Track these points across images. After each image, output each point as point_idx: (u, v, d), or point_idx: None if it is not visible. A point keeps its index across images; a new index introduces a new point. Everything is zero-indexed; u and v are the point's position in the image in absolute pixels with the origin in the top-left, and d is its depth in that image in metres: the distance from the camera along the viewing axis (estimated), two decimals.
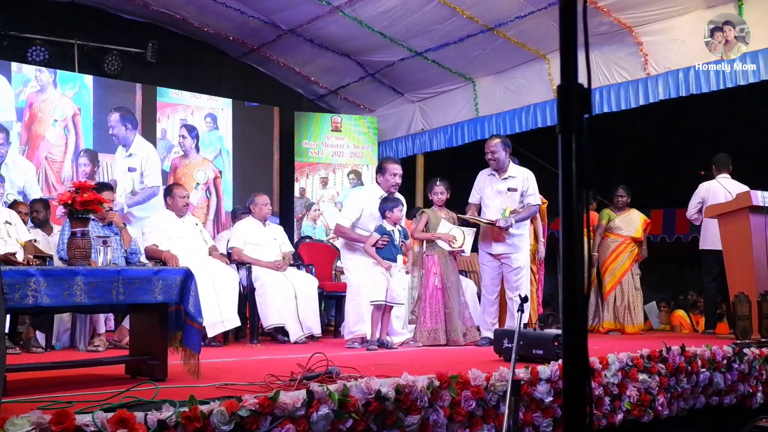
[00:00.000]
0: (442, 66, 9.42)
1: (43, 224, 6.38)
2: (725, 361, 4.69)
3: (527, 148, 10.60)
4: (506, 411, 2.69)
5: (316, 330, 6.22)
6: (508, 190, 5.97)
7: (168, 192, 6.22)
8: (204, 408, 2.48)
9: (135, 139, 8.68)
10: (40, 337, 5.21)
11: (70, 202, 3.29)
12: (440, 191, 6.19)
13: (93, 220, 5.60)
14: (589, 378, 1.08)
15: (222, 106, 9.61)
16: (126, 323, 5.41)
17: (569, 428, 1.04)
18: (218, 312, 5.67)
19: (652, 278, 13.24)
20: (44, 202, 6.59)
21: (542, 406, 3.56)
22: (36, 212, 6.34)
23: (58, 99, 8.42)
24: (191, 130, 9.15)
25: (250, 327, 6.17)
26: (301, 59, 9.94)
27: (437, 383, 3.16)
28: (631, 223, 7.75)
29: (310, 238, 8.17)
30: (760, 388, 4.95)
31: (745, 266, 6.08)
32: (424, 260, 6.02)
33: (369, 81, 10.14)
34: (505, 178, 6.01)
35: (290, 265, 6.53)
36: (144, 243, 5.96)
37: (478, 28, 8.46)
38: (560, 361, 3.83)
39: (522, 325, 4.47)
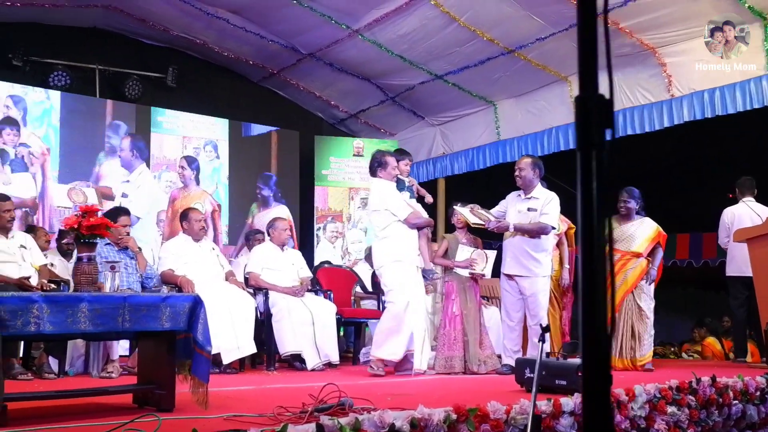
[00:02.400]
0: (463, 89, 9.33)
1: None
2: (758, 393, 4.51)
3: (550, 171, 10.47)
4: None
5: (334, 357, 6.11)
6: (527, 210, 5.86)
7: (184, 216, 6.17)
8: None
9: (139, 168, 8.64)
10: (54, 362, 5.14)
11: (76, 226, 3.22)
12: (457, 216, 6.08)
13: (108, 244, 5.57)
14: (612, 416, 0.95)
15: (221, 136, 9.53)
16: None
17: None
18: (234, 338, 5.57)
19: (679, 303, 13.03)
20: None
21: None
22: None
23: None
24: (192, 161, 9.09)
25: (267, 354, 6.06)
26: (321, 83, 9.92)
27: (454, 416, 3.03)
28: (634, 235, 6.25)
29: (329, 263, 8.07)
30: None
31: None
32: (444, 287, 5.91)
33: (389, 105, 10.09)
34: (528, 198, 5.90)
35: (308, 290, 6.43)
36: (160, 268, 5.90)
37: (498, 51, 8.38)
38: None
39: (544, 354, 4.35)
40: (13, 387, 4.36)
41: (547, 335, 5.68)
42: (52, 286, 4.91)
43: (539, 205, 5.83)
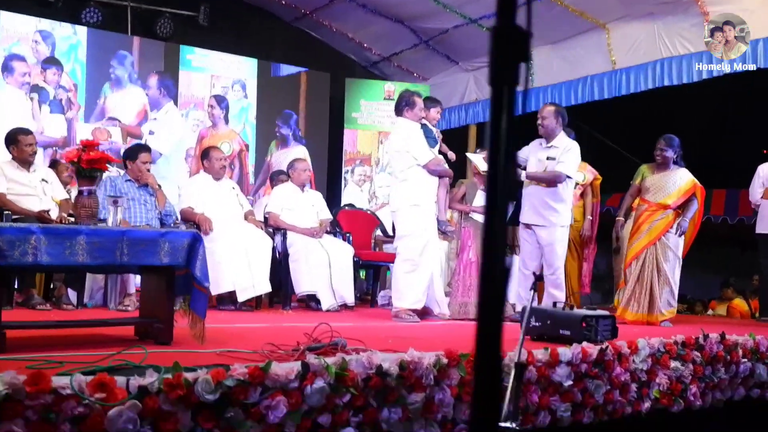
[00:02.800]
0: None
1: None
2: None
3: (585, 120, 10.30)
4: (507, 395, 2.54)
5: (350, 299, 6.13)
6: (547, 159, 5.73)
7: (205, 155, 6.19)
8: (189, 375, 2.41)
9: (166, 106, 8.66)
10: (73, 294, 5.25)
11: (76, 160, 3.25)
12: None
13: (128, 180, 5.63)
14: (500, 375, 0.93)
15: (249, 76, 9.46)
16: None
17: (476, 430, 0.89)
18: (249, 277, 5.63)
19: (711, 261, 12.80)
20: None
21: (561, 390, 3.40)
22: None
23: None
24: (221, 100, 9.07)
25: (282, 293, 6.12)
26: (354, 25, 9.78)
27: (445, 361, 3.03)
28: (666, 186, 5.86)
29: (351, 206, 8.06)
30: None
31: None
32: (460, 232, 5.87)
33: (423, 49, 9.92)
34: (549, 147, 5.76)
35: (327, 232, 6.44)
36: (180, 205, 5.95)
37: None
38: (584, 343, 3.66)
39: (553, 304, 4.32)
40: (30, 316, 4.50)
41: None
42: (71, 219, 4.98)
43: (558, 153, 5.69)
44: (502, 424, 2.47)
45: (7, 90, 7.71)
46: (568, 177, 5.65)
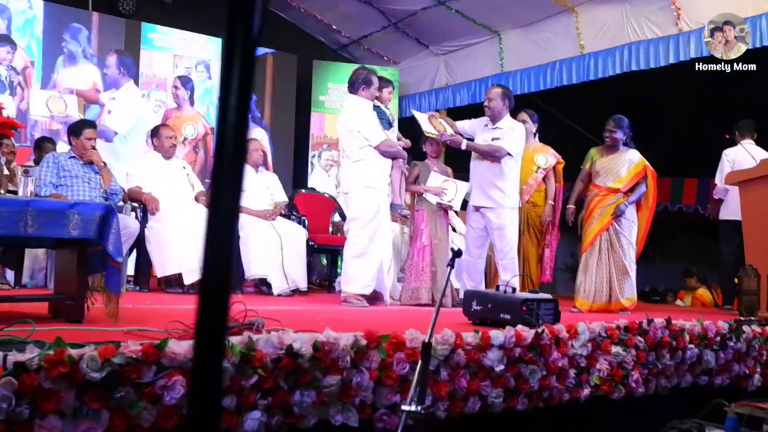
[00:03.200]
0: (466, 17, 9.00)
1: None
2: (719, 338, 4.32)
3: (553, 106, 10.18)
4: (415, 377, 2.42)
5: (302, 284, 5.99)
6: (492, 140, 5.70)
7: (154, 132, 6.03)
8: (74, 352, 2.26)
9: (125, 85, 8.46)
10: (10, 274, 5.09)
11: None
12: (436, 142, 5.87)
13: (72, 157, 5.46)
14: (222, 362, 0.80)
15: (213, 56, 9.27)
16: None
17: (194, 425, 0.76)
18: (196, 259, 5.48)
19: (683, 250, 12.75)
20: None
21: (492, 375, 3.28)
22: None
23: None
24: (186, 81, 8.86)
25: (233, 277, 5.97)
26: (322, 5, 9.62)
27: (364, 342, 2.90)
28: (615, 168, 5.69)
29: (312, 189, 7.91)
30: (759, 370, 4.57)
31: (764, 238, 5.64)
32: (413, 215, 5.73)
33: (392, 31, 9.77)
34: (494, 128, 5.73)
35: (282, 215, 6.29)
36: (127, 184, 5.80)
37: None
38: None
39: (496, 287, 4.20)
40: None
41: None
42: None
43: (502, 134, 5.67)
44: (405, 407, 2.35)
45: None
46: (509, 155, 5.58)
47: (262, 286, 6.04)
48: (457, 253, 2.83)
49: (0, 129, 3.08)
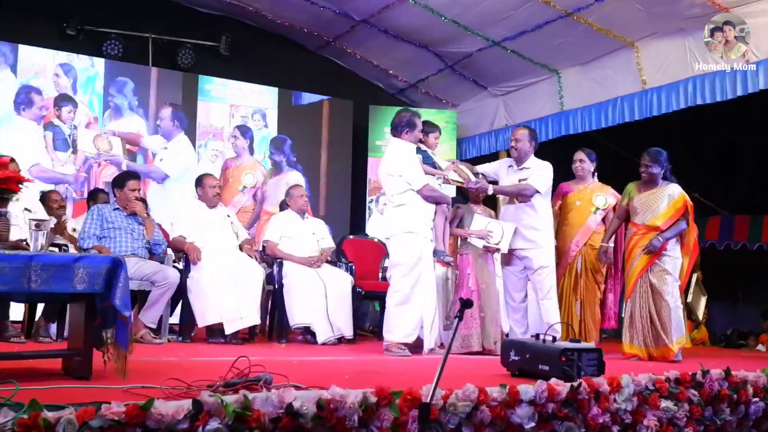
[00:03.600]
0: (523, 57, 8.82)
1: None
2: None
3: (615, 143, 9.86)
4: None
5: (347, 331, 5.82)
6: (519, 181, 5.63)
7: (198, 182, 6.03)
8: (50, 415, 2.15)
9: (177, 136, 8.61)
10: (53, 327, 5.11)
11: None
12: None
13: (116, 209, 5.49)
14: None
15: (269, 105, 9.35)
16: (143, 316, 5.26)
17: None
18: (237, 308, 5.40)
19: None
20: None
21: None
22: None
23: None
24: (246, 131, 8.97)
25: (277, 326, 5.87)
26: (378, 51, 9.62)
27: (373, 399, 2.70)
28: (653, 205, 5.32)
29: (365, 234, 7.79)
30: None
31: None
32: (459, 260, 5.51)
33: (449, 74, 9.67)
34: (521, 169, 5.67)
35: (329, 262, 6.17)
36: (172, 234, 5.80)
37: (556, 14, 7.83)
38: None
39: (536, 336, 3.94)
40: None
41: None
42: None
43: (528, 174, 5.61)
44: None
45: (21, 123, 7.75)
46: (538, 192, 5.48)
47: (307, 334, 5.90)
48: (467, 304, 2.63)
49: (5, 184, 3.07)
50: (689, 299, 8.20)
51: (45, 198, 6.17)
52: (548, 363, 3.58)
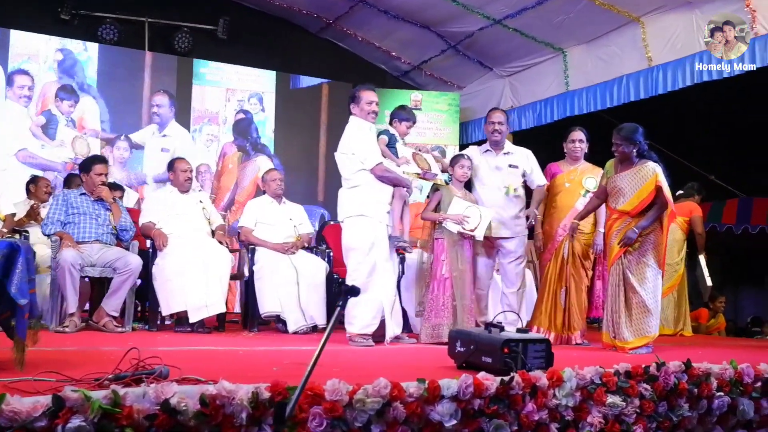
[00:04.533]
0: (526, 35, 8.53)
1: None
2: (760, 384, 3.63)
3: (624, 121, 9.45)
4: None
5: (320, 320, 5.59)
6: (509, 167, 5.45)
7: (170, 166, 5.88)
8: None
9: (170, 122, 8.51)
10: None
11: None
12: (467, 165, 5.39)
13: (83, 194, 5.38)
14: None
15: (267, 89, 9.17)
16: (105, 304, 5.15)
17: None
18: (204, 296, 5.24)
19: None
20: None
21: None
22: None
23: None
24: (245, 114, 8.81)
25: (248, 314, 5.71)
26: (380, 32, 9.40)
27: (267, 395, 2.50)
28: (625, 187, 4.91)
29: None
30: None
31: None
32: (433, 245, 5.26)
33: (452, 55, 9.41)
34: (505, 153, 5.50)
35: (305, 248, 5.98)
36: (141, 219, 5.67)
37: None
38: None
39: (486, 326, 3.70)
40: None
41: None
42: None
43: (518, 161, 5.51)
44: None
45: (8, 105, 7.71)
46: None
47: (279, 323, 5.72)
48: (351, 290, 2.40)
49: None
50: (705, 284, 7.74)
51: (34, 183, 6.11)
52: (491, 355, 3.34)
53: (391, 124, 5.33)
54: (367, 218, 4.82)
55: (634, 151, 4.90)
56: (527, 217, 5.45)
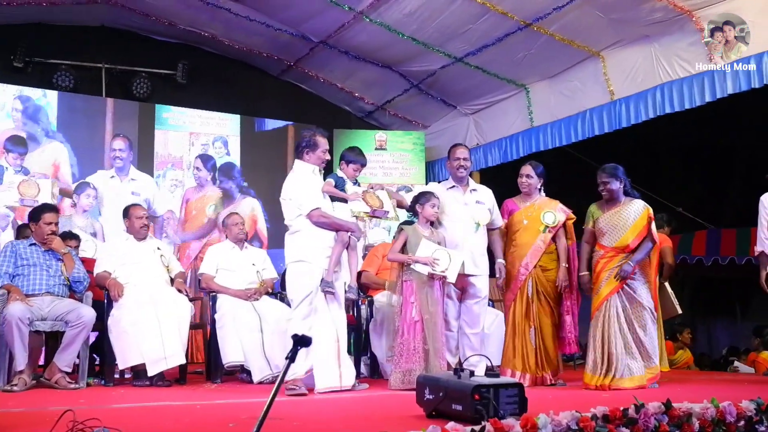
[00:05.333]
0: (488, 72, 8.50)
1: None
2: (743, 422, 3.50)
3: (587, 157, 9.49)
4: None
5: None
6: (476, 203, 5.37)
7: (125, 213, 5.67)
8: None
9: (131, 169, 8.37)
10: None
11: None
12: (437, 204, 5.24)
13: (33, 244, 5.16)
14: None
15: (231, 132, 9.07)
16: (57, 359, 4.89)
17: None
18: (161, 347, 5.01)
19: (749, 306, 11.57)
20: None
21: None
22: None
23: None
24: (207, 160, 8.65)
25: (211, 365, 5.48)
26: (341, 73, 9.33)
27: None
28: (619, 223, 5.09)
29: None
30: None
31: None
32: (402, 287, 5.08)
33: (416, 94, 9.36)
34: (472, 190, 5.47)
35: (269, 293, 5.78)
36: (96, 269, 5.44)
37: (515, 25, 7.51)
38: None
39: (455, 370, 3.52)
40: None
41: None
42: None
43: (484, 198, 5.46)
44: None
45: None
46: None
47: (243, 373, 5.49)
48: (301, 341, 2.23)
49: None
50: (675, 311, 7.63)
51: None
52: (461, 402, 3.17)
53: (338, 167, 5.23)
54: (307, 263, 4.70)
55: (621, 187, 5.10)
56: (500, 270, 5.40)
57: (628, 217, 5.07)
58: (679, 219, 9.36)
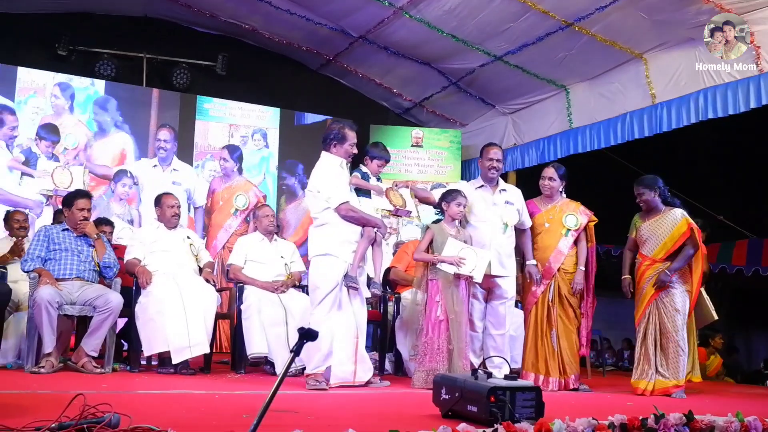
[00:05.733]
0: (528, 72, 8.40)
1: None
2: None
3: (627, 158, 9.36)
4: None
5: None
6: (505, 203, 5.30)
7: (157, 202, 5.72)
8: None
9: (173, 157, 8.44)
10: None
11: None
12: (464, 203, 5.18)
13: (66, 230, 5.23)
14: None
15: (270, 125, 9.10)
16: (84, 344, 4.96)
17: None
18: (186, 336, 5.04)
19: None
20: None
21: None
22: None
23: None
24: (234, 151, 8.68)
25: (236, 355, 5.50)
26: (380, 69, 9.31)
27: None
28: (657, 233, 5.20)
29: None
30: None
31: None
32: (428, 286, 5.04)
33: (454, 92, 9.30)
34: (501, 190, 5.39)
35: (296, 286, 5.78)
36: (126, 256, 5.50)
37: (555, 25, 7.41)
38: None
39: (473, 372, 3.47)
40: None
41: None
42: None
43: (513, 198, 5.39)
44: None
45: None
46: None
47: (267, 365, 5.51)
48: (307, 334, 2.21)
49: None
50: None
51: (7, 218, 6.00)
52: (476, 403, 3.13)
53: (363, 162, 5.18)
54: (332, 257, 4.68)
55: (658, 197, 5.20)
56: (529, 273, 5.36)
57: (667, 227, 5.18)
58: (720, 227, 9.17)
